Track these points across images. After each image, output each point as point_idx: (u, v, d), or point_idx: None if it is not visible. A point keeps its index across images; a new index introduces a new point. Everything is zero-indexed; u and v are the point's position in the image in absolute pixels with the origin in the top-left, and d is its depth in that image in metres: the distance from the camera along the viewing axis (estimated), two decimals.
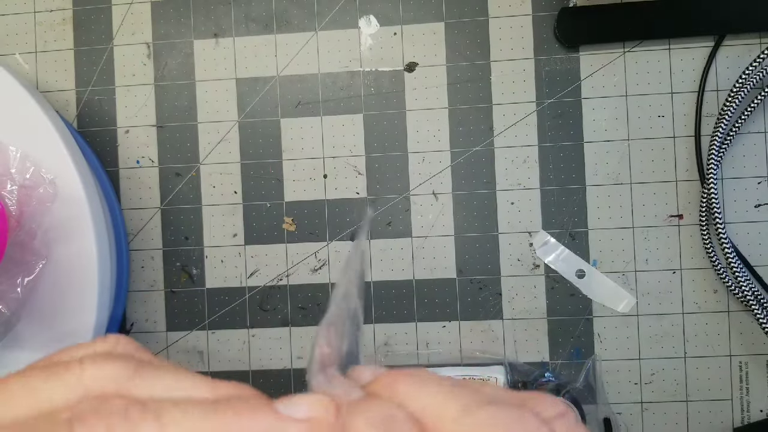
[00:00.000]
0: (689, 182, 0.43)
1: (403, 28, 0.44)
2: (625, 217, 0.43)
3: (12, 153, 0.36)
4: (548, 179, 0.43)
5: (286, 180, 0.45)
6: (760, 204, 0.43)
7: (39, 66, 0.46)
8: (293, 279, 0.45)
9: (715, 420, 0.43)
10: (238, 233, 0.45)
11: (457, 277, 0.44)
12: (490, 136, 0.44)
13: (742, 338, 0.43)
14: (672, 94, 0.43)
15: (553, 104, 0.43)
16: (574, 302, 0.43)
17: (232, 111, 0.45)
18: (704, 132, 0.43)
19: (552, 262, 0.43)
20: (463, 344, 0.44)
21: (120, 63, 0.46)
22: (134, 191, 0.45)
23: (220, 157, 0.45)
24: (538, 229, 0.44)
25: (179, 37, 0.45)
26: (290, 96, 0.45)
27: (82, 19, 0.46)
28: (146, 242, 0.45)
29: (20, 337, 0.38)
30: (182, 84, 0.45)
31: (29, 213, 0.36)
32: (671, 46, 0.43)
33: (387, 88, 0.44)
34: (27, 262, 0.36)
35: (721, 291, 0.43)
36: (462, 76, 0.44)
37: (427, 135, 0.44)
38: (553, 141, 0.43)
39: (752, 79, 0.40)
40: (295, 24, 0.45)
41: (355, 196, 0.44)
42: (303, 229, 0.45)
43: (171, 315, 0.45)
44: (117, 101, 0.46)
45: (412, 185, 0.44)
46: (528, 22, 0.44)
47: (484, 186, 0.44)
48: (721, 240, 0.41)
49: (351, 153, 0.44)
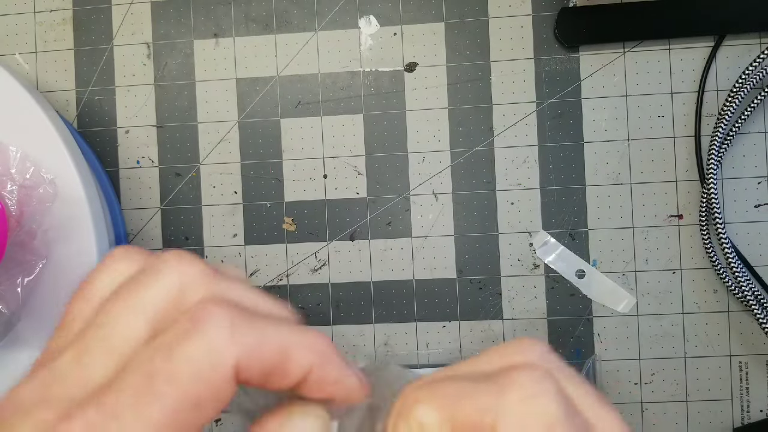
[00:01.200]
0: (689, 182, 0.43)
1: (403, 28, 0.44)
2: (625, 217, 0.43)
3: (12, 153, 0.36)
4: (548, 179, 0.43)
5: (286, 180, 0.45)
6: (760, 204, 0.43)
7: (39, 66, 0.46)
8: (293, 279, 0.45)
9: (715, 420, 0.43)
10: (238, 233, 0.45)
11: (457, 277, 0.44)
12: (490, 136, 0.44)
13: (742, 338, 0.43)
14: (672, 94, 0.43)
15: (553, 104, 0.43)
16: (574, 302, 0.43)
17: (232, 111, 0.45)
18: (704, 132, 0.43)
19: (552, 262, 0.43)
20: (463, 344, 0.44)
21: (120, 63, 0.46)
22: (134, 191, 0.45)
23: (220, 157, 0.45)
24: (538, 229, 0.44)
25: (179, 37, 0.45)
26: (290, 96, 0.45)
27: (82, 19, 0.46)
28: (146, 242, 0.45)
29: (20, 337, 0.38)
30: (182, 84, 0.45)
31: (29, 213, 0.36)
32: (671, 46, 0.43)
33: (387, 88, 0.44)
34: (27, 262, 0.36)
35: (721, 291, 0.43)
36: (462, 76, 0.44)
37: (427, 135, 0.44)
38: (553, 141, 0.43)
39: (752, 79, 0.40)
40: (295, 24, 0.45)
41: (355, 196, 0.44)
42: (303, 229, 0.45)
43: None
44: (117, 101, 0.46)
45: (412, 185, 0.44)
46: (528, 22, 0.44)
47: (484, 186, 0.44)
48: (721, 240, 0.41)
49: (351, 153, 0.44)
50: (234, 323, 0.16)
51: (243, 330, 0.16)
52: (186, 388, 0.15)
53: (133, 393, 0.15)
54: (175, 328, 0.16)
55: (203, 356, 0.15)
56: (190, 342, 0.15)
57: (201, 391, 0.15)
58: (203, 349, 0.15)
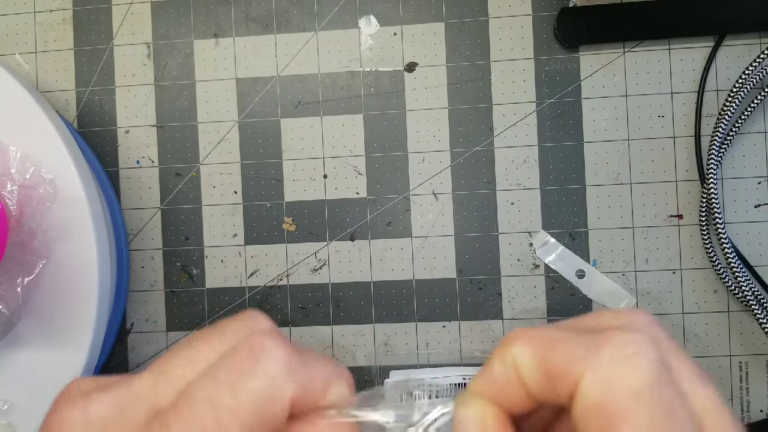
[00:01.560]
0: (689, 182, 0.43)
1: (403, 28, 0.44)
2: (625, 217, 0.43)
3: (12, 153, 0.36)
4: (548, 179, 0.43)
5: (286, 180, 0.45)
6: (760, 204, 0.43)
7: (39, 66, 0.46)
8: (293, 279, 0.45)
9: None
10: (238, 233, 0.45)
11: (457, 277, 0.44)
12: (490, 136, 0.44)
13: (742, 338, 0.43)
14: (672, 94, 0.43)
15: (553, 104, 0.43)
16: (574, 302, 0.43)
17: (232, 111, 0.45)
18: (704, 132, 0.43)
19: (552, 262, 0.43)
20: (463, 344, 0.44)
21: (120, 63, 0.46)
22: (134, 191, 0.45)
23: (220, 157, 0.45)
24: (538, 229, 0.44)
25: (179, 37, 0.45)
26: (290, 96, 0.45)
27: (82, 19, 0.46)
28: (146, 242, 0.45)
29: (20, 337, 0.38)
30: (182, 84, 0.45)
31: (29, 213, 0.36)
32: (671, 46, 0.43)
33: (387, 88, 0.44)
34: (27, 262, 0.36)
35: (721, 291, 0.43)
36: (462, 76, 0.44)
37: (427, 135, 0.44)
38: (553, 141, 0.43)
39: (752, 79, 0.40)
40: (295, 24, 0.45)
41: (355, 196, 0.44)
42: (303, 229, 0.45)
43: (171, 315, 0.45)
44: (117, 101, 0.46)
45: (412, 185, 0.44)
46: (528, 22, 0.44)
47: (484, 186, 0.44)
48: (721, 240, 0.41)
49: (351, 153, 0.44)
50: (290, 359, 0.16)
51: (296, 366, 0.16)
52: (247, 420, 0.15)
53: (199, 424, 0.15)
54: (237, 363, 0.16)
55: (264, 391, 0.16)
56: (252, 378, 0.16)
57: (261, 424, 0.16)
58: (264, 385, 0.16)
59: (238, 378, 0.16)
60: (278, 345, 0.16)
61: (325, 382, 0.17)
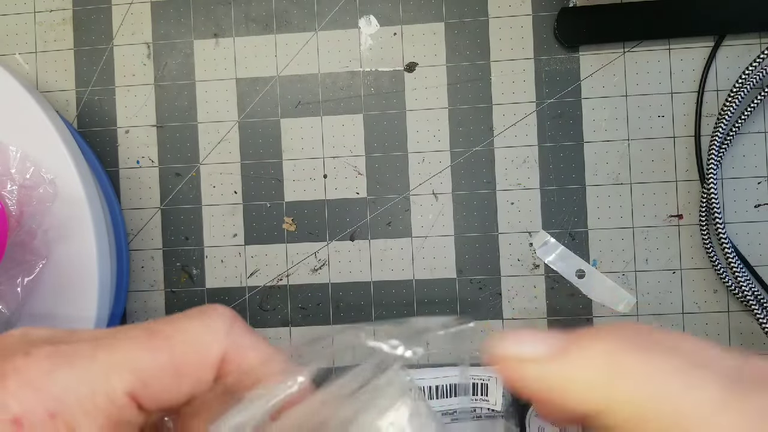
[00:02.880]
0: (689, 182, 0.43)
1: (403, 28, 0.44)
2: (625, 217, 0.43)
3: (12, 153, 0.36)
4: (548, 179, 0.43)
5: (286, 180, 0.45)
6: (760, 204, 0.43)
7: (39, 66, 0.46)
8: (293, 279, 0.45)
9: None
10: (238, 233, 0.45)
11: (457, 277, 0.44)
12: (490, 136, 0.44)
13: (742, 338, 0.43)
14: (672, 94, 0.43)
15: (553, 104, 0.43)
16: (574, 302, 0.43)
17: (232, 111, 0.45)
18: (704, 132, 0.43)
19: (552, 262, 0.43)
20: None
21: (120, 63, 0.46)
22: (134, 191, 0.45)
23: (220, 157, 0.45)
24: (538, 229, 0.44)
25: (179, 37, 0.45)
26: (290, 96, 0.45)
27: (82, 19, 0.46)
28: (146, 242, 0.45)
29: None
30: (182, 84, 0.45)
31: (29, 213, 0.36)
32: (671, 46, 0.43)
33: (387, 88, 0.44)
34: (27, 262, 0.36)
35: (721, 291, 0.43)
36: (462, 76, 0.44)
37: (427, 135, 0.44)
38: (553, 141, 0.43)
39: (752, 79, 0.40)
40: (295, 24, 0.45)
41: (355, 196, 0.44)
42: (303, 229, 0.45)
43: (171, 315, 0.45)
44: (117, 101, 0.46)
45: (412, 185, 0.44)
46: (528, 22, 0.44)
47: (484, 186, 0.44)
48: (721, 240, 0.41)
49: (351, 153, 0.44)
50: (234, 323, 0.18)
51: (239, 331, 0.18)
52: (177, 350, 0.17)
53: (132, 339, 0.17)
54: (185, 313, 0.18)
55: (200, 332, 0.17)
56: (193, 320, 0.18)
57: (188, 359, 0.17)
58: (202, 327, 0.17)
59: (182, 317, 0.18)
60: (230, 312, 0.18)
61: (261, 356, 0.18)
